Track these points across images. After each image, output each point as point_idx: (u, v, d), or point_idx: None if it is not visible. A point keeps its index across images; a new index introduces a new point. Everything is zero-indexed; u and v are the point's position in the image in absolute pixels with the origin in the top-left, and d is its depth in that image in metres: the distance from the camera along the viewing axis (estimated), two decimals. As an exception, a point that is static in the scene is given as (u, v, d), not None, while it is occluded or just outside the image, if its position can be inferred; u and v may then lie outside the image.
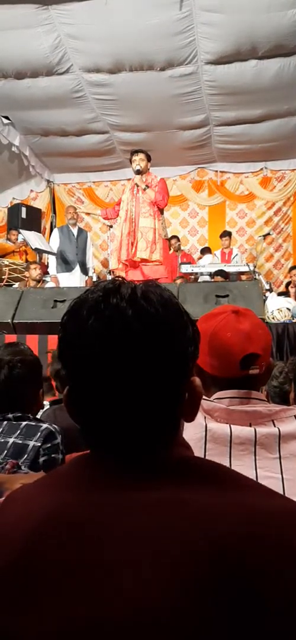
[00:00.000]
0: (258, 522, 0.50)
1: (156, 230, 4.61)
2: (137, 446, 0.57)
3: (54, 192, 8.52)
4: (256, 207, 8.16)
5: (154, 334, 0.56)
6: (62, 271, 6.25)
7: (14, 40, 4.88)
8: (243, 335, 1.04)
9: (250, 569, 0.47)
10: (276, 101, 5.93)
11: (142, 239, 4.56)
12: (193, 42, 4.96)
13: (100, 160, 7.65)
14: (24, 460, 1.46)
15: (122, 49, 5.10)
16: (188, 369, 0.60)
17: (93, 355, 0.56)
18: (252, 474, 0.98)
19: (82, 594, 0.48)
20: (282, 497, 0.58)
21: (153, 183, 4.69)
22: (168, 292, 0.60)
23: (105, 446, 0.58)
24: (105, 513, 0.52)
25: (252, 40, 4.87)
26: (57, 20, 4.66)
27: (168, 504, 0.52)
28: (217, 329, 1.06)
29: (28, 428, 1.54)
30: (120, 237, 4.68)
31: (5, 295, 4.15)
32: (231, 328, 1.05)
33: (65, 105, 6.05)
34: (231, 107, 6.10)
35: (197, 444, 0.99)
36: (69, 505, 0.54)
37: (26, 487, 0.64)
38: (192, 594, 0.46)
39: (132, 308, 0.56)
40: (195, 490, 0.53)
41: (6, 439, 1.51)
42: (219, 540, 0.48)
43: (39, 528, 0.53)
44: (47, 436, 1.53)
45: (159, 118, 6.38)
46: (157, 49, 5.06)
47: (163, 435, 0.59)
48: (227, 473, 0.59)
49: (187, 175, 8.24)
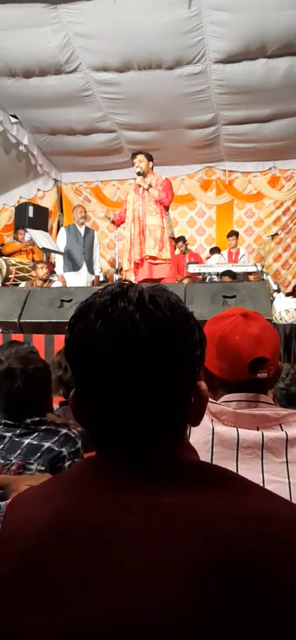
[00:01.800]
0: (263, 525, 0.51)
1: (164, 228, 4.64)
2: (144, 449, 0.57)
3: (61, 191, 8.55)
4: (264, 206, 8.12)
5: (161, 338, 0.56)
6: (68, 270, 6.26)
7: (23, 39, 4.90)
8: (252, 338, 1.03)
9: (255, 571, 0.48)
10: (285, 100, 5.90)
11: (150, 237, 4.59)
12: (202, 41, 4.95)
13: (108, 159, 7.66)
14: (37, 459, 1.44)
15: (130, 48, 5.10)
16: (195, 373, 0.60)
17: (100, 358, 0.56)
18: (259, 478, 0.97)
19: (88, 595, 0.49)
20: (287, 502, 0.58)
21: (158, 182, 4.71)
22: (175, 296, 0.61)
23: (111, 448, 0.59)
24: (111, 515, 0.53)
25: (261, 39, 4.84)
26: (65, 19, 4.67)
27: (173, 507, 0.52)
28: (226, 332, 1.05)
29: (46, 432, 1.52)
30: (129, 238, 4.70)
31: (12, 294, 4.17)
32: (240, 331, 1.05)
33: (73, 104, 6.06)
34: (240, 106, 6.08)
35: (204, 447, 0.98)
36: (76, 507, 0.55)
37: (33, 489, 0.65)
38: (198, 596, 0.47)
39: (139, 312, 0.56)
40: (201, 493, 0.54)
41: (22, 439, 1.49)
42: (225, 542, 0.49)
43: (45, 530, 0.54)
44: (67, 440, 1.51)
45: (167, 117, 6.37)
46: (166, 47, 5.06)
47: (170, 438, 0.59)
48: (233, 477, 0.60)
49: (195, 175, 8.22)
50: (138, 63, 5.33)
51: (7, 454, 1.46)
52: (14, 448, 1.47)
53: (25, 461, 1.44)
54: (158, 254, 4.59)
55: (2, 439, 1.50)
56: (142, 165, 4.66)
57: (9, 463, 1.42)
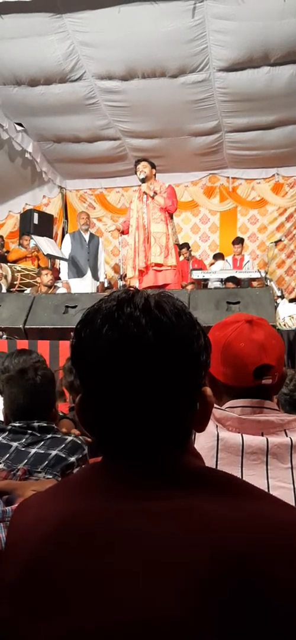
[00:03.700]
0: (267, 531, 0.51)
1: (169, 235, 4.65)
2: (149, 454, 0.58)
3: (66, 197, 8.58)
4: (268, 212, 8.12)
5: (167, 343, 0.56)
6: (73, 277, 6.27)
7: (28, 48, 4.95)
8: (257, 345, 1.04)
9: (257, 577, 0.48)
10: (288, 107, 5.91)
11: (155, 244, 4.59)
12: (206, 49, 4.98)
13: (112, 166, 7.69)
14: (45, 467, 1.43)
15: (134, 56, 5.14)
16: (200, 378, 0.60)
17: (107, 363, 0.56)
18: (264, 484, 0.97)
19: (93, 601, 0.49)
20: (291, 507, 0.58)
21: (162, 190, 4.72)
22: (180, 302, 0.61)
23: (117, 454, 0.59)
24: (117, 521, 0.53)
25: (265, 47, 4.86)
26: (70, 28, 4.71)
27: (177, 512, 0.52)
28: (231, 339, 1.06)
29: (52, 440, 1.51)
30: (133, 245, 4.71)
31: (17, 300, 4.19)
32: (245, 338, 1.05)
33: (77, 111, 6.10)
34: (244, 113, 6.10)
35: (209, 453, 0.98)
36: (81, 513, 0.55)
37: (38, 495, 0.65)
38: (201, 601, 0.46)
39: (145, 317, 0.57)
40: (206, 499, 0.54)
41: (28, 449, 1.48)
42: (228, 548, 0.49)
43: (51, 535, 0.54)
44: (74, 448, 1.50)
45: (171, 124, 6.40)
46: (170, 56, 5.08)
47: (175, 444, 0.59)
48: (237, 483, 0.60)
49: (199, 181, 8.24)
50: (143, 71, 5.36)
51: (13, 463, 1.44)
52: (20, 458, 1.46)
53: (33, 470, 1.42)
54: (164, 261, 4.59)
55: (7, 448, 1.49)
56: (146, 171, 4.68)
57: (15, 469, 1.42)
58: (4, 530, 0.96)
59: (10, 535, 0.61)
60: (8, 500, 1.21)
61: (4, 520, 0.99)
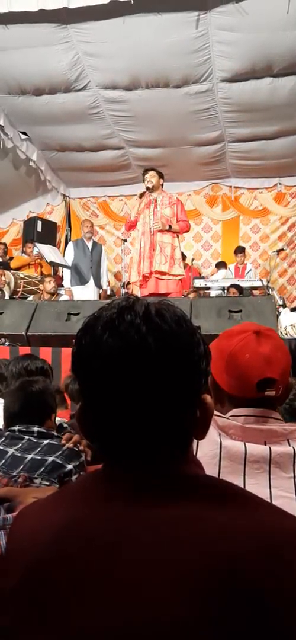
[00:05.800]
0: (267, 540, 0.51)
1: (175, 246, 4.68)
2: (149, 462, 0.58)
3: (69, 206, 8.62)
4: (270, 222, 8.14)
5: (168, 350, 0.57)
6: (76, 284, 6.29)
7: (33, 58, 5.00)
8: (262, 358, 1.03)
9: (257, 586, 0.48)
10: (291, 118, 5.94)
11: (160, 253, 4.59)
12: (209, 60, 5.01)
13: (116, 175, 7.73)
14: (41, 473, 1.43)
15: (138, 66, 5.18)
16: (200, 385, 0.61)
17: (107, 370, 0.56)
18: (266, 493, 0.96)
19: (94, 606, 0.49)
20: (291, 515, 0.58)
21: (171, 201, 4.74)
22: (180, 311, 0.62)
23: (117, 461, 0.59)
24: (117, 527, 0.53)
25: (267, 58, 4.90)
26: (75, 38, 4.76)
27: (177, 520, 0.52)
28: (236, 349, 1.05)
29: (49, 446, 1.51)
30: (139, 250, 4.71)
31: (20, 307, 4.20)
32: (251, 350, 1.04)
33: (82, 121, 6.14)
34: (246, 123, 6.13)
35: (212, 461, 0.98)
36: (82, 519, 0.55)
37: (39, 502, 0.65)
38: (199, 610, 0.47)
39: (146, 325, 0.57)
40: (205, 507, 0.54)
41: (24, 454, 1.48)
42: (227, 556, 0.49)
43: (51, 542, 0.54)
44: (71, 455, 1.50)
45: (174, 134, 6.43)
46: (173, 66, 5.12)
47: (176, 452, 0.59)
48: (237, 492, 0.60)
49: (201, 190, 8.26)
50: (146, 81, 5.40)
51: (8, 469, 1.44)
52: (16, 464, 1.46)
53: (29, 476, 1.42)
54: (169, 270, 4.60)
55: (3, 454, 1.49)
56: (153, 181, 4.70)
57: (15, 476, 1.42)
58: (5, 537, 0.96)
59: (10, 543, 0.61)
60: (9, 508, 1.21)
61: (4, 528, 0.99)
